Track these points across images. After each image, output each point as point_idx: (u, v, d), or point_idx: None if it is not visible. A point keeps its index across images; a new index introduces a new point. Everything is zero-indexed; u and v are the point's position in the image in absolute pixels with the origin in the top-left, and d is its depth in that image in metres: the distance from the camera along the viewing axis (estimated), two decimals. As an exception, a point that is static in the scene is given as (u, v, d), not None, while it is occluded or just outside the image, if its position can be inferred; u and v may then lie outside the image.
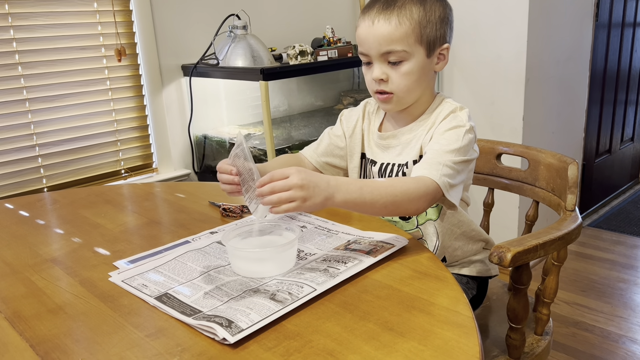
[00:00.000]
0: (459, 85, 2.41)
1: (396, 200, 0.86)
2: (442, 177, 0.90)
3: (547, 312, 1.09)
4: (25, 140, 1.81)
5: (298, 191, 0.77)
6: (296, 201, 0.77)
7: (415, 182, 0.89)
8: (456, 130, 0.96)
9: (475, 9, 2.28)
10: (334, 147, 1.15)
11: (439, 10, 0.97)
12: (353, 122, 1.14)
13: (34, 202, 1.29)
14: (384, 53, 0.96)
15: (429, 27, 0.96)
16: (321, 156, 1.15)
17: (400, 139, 1.06)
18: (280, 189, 0.77)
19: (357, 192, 0.83)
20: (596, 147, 2.95)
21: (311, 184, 0.78)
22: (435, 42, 0.98)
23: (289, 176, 0.77)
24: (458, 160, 0.94)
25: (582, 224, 1.05)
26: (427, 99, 1.05)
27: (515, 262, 0.88)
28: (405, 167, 1.03)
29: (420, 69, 0.98)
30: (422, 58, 0.97)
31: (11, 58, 1.74)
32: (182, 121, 2.15)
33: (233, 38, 2.02)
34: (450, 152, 0.94)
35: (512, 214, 2.36)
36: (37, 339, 0.70)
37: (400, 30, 0.94)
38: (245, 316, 0.69)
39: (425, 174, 0.90)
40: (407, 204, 0.88)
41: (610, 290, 2.23)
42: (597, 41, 2.68)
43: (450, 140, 0.95)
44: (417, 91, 1.00)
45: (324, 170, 1.16)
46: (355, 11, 2.68)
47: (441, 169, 0.91)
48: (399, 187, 0.87)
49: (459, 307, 0.72)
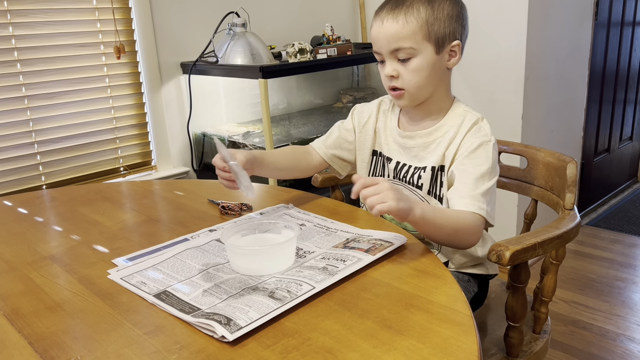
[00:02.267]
0: (458, 84, 2.41)
1: (458, 231, 0.92)
2: (486, 209, 0.95)
3: (545, 310, 1.09)
4: (24, 138, 1.81)
5: (390, 192, 0.82)
6: (388, 201, 0.82)
7: (471, 218, 0.93)
8: (485, 147, 0.99)
9: (475, 7, 2.27)
10: (343, 140, 1.17)
11: (447, 8, 1.00)
12: (365, 118, 1.16)
13: (32, 200, 1.29)
14: (393, 50, 0.99)
15: (437, 24, 0.98)
16: (329, 148, 1.18)
17: (417, 140, 1.07)
18: (374, 191, 0.83)
19: (431, 213, 0.88)
20: (595, 146, 2.95)
21: (399, 192, 0.84)
22: (444, 39, 1.00)
23: (378, 182, 0.84)
24: (492, 184, 0.98)
25: (580, 222, 1.05)
26: (443, 99, 1.07)
27: (514, 260, 0.88)
28: (422, 171, 1.05)
29: (429, 65, 1.00)
30: (430, 54, 0.99)
31: (10, 55, 1.74)
32: (181, 119, 2.15)
33: (232, 36, 2.02)
34: (485, 175, 0.97)
35: (511, 213, 2.36)
36: (36, 336, 0.70)
37: (408, 28, 0.97)
38: (244, 314, 0.69)
39: (471, 209, 0.94)
40: (466, 237, 0.94)
41: (608, 288, 2.24)
42: (597, 40, 2.68)
43: (481, 160, 0.98)
44: (429, 87, 1.02)
45: (332, 163, 1.19)
46: (354, 9, 2.68)
47: (483, 199, 0.95)
48: (462, 220, 0.92)
49: (458, 305, 0.72)
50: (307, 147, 1.19)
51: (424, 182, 1.04)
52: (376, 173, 1.14)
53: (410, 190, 1.07)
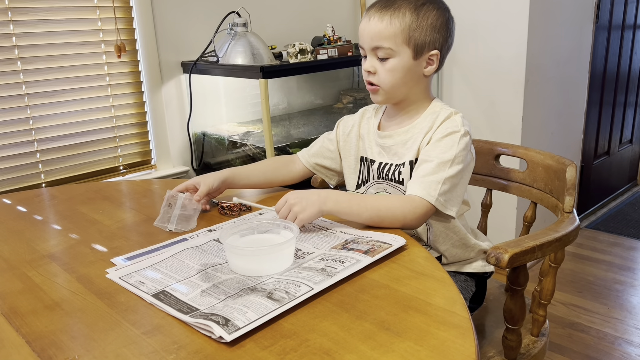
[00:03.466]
0: (458, 85, 2.41)
1: (380, 214, 0.98)
2: (438, 197, 0.98)
3: (543, 313, 1.09)
4: (24, 136, 1.81)
5: (295, 207, 0.96)
6: (297, 216, 0.95)
7: (402, 201, 0.99)
8: (452, 136, 1.02)
9: (476, 8, 2.28)
10: (325, 149, 1.23)
11: (432, 17, 1.03)
12: (349, 127, 1.20)
13: (31, 198, 1.29)
14: (374, 47, 1.04)
15: (418, 31, 1.02)
16: (312, 157, 1.24)
17: (396, 139, 1.10)
18: (284, 213, 0.97)
19: (346, 202, 0.98)
20: (595, 149, 2.95)
21: (303, 200, 0.96)
22: (423, 47, 1.03)
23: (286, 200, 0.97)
24: (454, 172, 1.00)
25: (579, 226, 1.05)
26: (420, 100, 1.10)
27: (513, 263, 0.88)
28: (402, 166, 1.08)
29: (404, 68, 1.04)
30: (407, 58, 1.03)
31: (10, 53, 1.74)
32: (181, 118, 2.15)
33: (233, 35, 2.02)
34: (446, 162, 1.00)
35: (510, 215, 2.36)
36: (34, 335, 0.70)
37: (390, 30, 1.01)
38: (242, 314, 0.69)
39: (418, 193, 0.99)
40: (391, 219, 0.98)
41: (606, 291, 2.24)
42: (597, 43, 2.68)
43: (446, 147, 1.01)
44: (403, 88, 1.06)
45: (316, 172, 1.24)
46: (355, 10, 2.68)
47: (436, 187, 0.98)
48: (384, 204, 0.99)
49: (456, 307, 0.72)
50: (292, 157, 1.26)
51: (404, 177, 1.07)
52: (363, 177, 1.16)
53: (392, 187, 1.10)
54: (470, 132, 1.04)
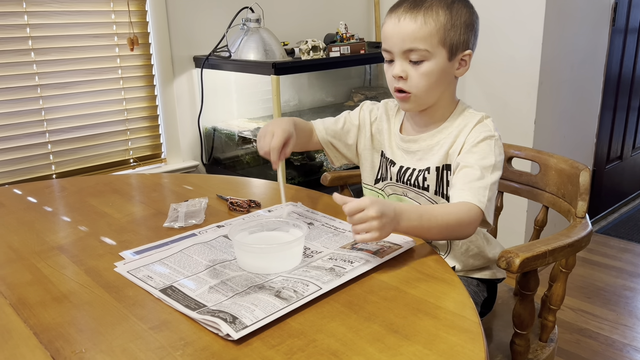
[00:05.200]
0: (470, 86, 2.39)
1: (449, 227, 0.90)
2: (487, 202, 0.93)
3: (552, 318, 1.08)
4: (36, 127, 1.82)
5: (374, 222, 0.81)
6: (372, 232, 0.82)
7: (465, 208, 0.92)
8: (488, 141, 0.98)
9: (490, 9, 2.26)
10: (345, 133, 1.15)
11: (465, 15, 0.98)
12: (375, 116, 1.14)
13: (42, 189, 1.29)
14: (406, 50, 0.97)
15: (454, 30, 0.97)
16: (329, 136, 1.15)
17: (421, 144, 1.05)
18: (359, 220, 0.82)
19: (417, 220, 0.88)
20: (607, 153, 2.92)
21: (384, 217, 0.82)
22: (458, 47, 0.98)
23: (364, 208, 0.81)
24: (496, 178, 0.96)
25: (592, 231, 1.03)
26: (448, 104, 1.05)
27: (524, 267, 0.87)
28: (426, 172, 1.03)
29: (440, 71, 0.98)
30: (443, 60, 0.98)
31: (24, 44, 1.75)
32: (192, 112, 2.15)
33: (246, 31, 2.01)
34: (487, 168, 0.96)
35: (521, 218, 2.34)
36: (41, 326, 0.70)
37: (425, 30, 0.95)
38: (250, 312, 0.69)
39: (469, 199, 0.92)
40: (459, 231, 0.92)
41: (616, 297, 2.21)
42: (613, 46, 2.65)
43: (484, 153, 0.97)
44: (436, 93, 1.01)
45: (326, 148, 1.16)
46: (369, 7, 2.67)
47: (484, 193, 0.93)
48: (454, 216, 0.90)
49: (466, 311, 0.71)
50: (311, 126, 1.16)
51: (430, 183, 1.04)
52: (382, 173, 1.12)
53: (415, 192, 1.06)
54: (501, 138, 1.01)
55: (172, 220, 1.04)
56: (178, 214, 1.07)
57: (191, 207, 1.09)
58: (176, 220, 1.04)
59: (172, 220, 1.05)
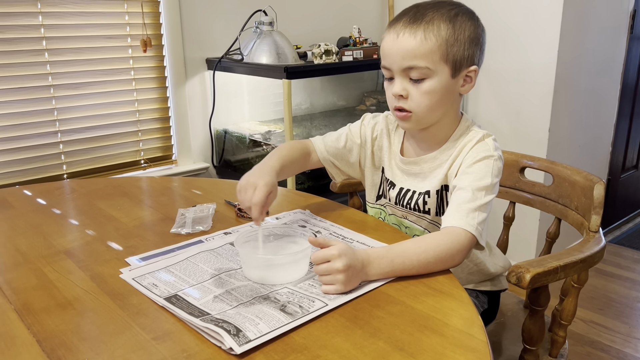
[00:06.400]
0: (484, 93, 2.37)
1: (429, 265, 0.84)
2: (477, 226, 0.88)
3: (563, 334, 1.06)
4: (48, 126, 1.83)
5: (339, 275, 0.77)
6: (336, 285, 0.78)
7: (448, 240, 0.86)
8: (486, 161, 0.93)
9: (505, 14, 2.23)
10: (347, 152, 1.11)
11: (469, 29, 0.92)
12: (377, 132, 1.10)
13: (52, 190, 1.29)
14: (406, 68, 0.92)
15: (457, 45, 0.91)
16: (330, 155, 1.11)
17: (423, 166, 1.01)
18: (325, 271, 0.78)
19: (389, 266, 0.82)
20: (623, 162, 2.87)
21: (350, 269, 0.78)
22: (462, 63, 0.93)
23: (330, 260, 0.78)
24: (489, 200, 0.91)
25: (605, 246, 1.01)
26: (451, 123, 1.00)
27: (534, 283, 0.85)
28: (427, 195, 1.00)
29: (442, 89, 0.93)
30: (446, 77, 0.92)
31: (38, 44, 1.76)
32: (204, 115, 2.15)
33: (259, 34, 2.01)
34: (481, 190, 0.90)
35: (532, 229, 2.31)
36: (44, 334, 0.70)
37: (425, 46, 0.90)
38: (254, 326, 0.68)
39: (459, 224, 0.87)
40: (443, 265, 0.85)
41: (629, 310, 2.18)
42: (631, 54, 2.61)
43: (480, 174, 0.92)
44: (438, 112, 0.96)
45: (327, 166, 1.12)
46: (383, 11, 2.65)
47: (476, 216, 0.88)
48: (432, 252, 0.84)
49: (474, 330, 0.69)
50: (309, 147, 1.11)
51: (431, 207, 1.00)
52: (383, 189, 1.09)
53: (415, 216, 1.03)
54: (502, 158, 0.96)
55: (179, 226, 1.04)
56: (185, 219, 1.07)
57: (199, 213, 1.09)
58: (183, 226, 1.04)
59: (180, 226, 1.04)
